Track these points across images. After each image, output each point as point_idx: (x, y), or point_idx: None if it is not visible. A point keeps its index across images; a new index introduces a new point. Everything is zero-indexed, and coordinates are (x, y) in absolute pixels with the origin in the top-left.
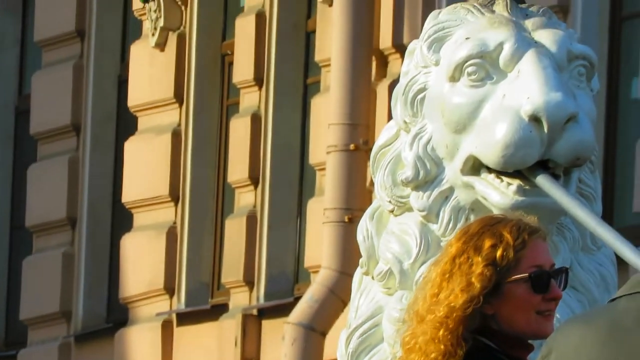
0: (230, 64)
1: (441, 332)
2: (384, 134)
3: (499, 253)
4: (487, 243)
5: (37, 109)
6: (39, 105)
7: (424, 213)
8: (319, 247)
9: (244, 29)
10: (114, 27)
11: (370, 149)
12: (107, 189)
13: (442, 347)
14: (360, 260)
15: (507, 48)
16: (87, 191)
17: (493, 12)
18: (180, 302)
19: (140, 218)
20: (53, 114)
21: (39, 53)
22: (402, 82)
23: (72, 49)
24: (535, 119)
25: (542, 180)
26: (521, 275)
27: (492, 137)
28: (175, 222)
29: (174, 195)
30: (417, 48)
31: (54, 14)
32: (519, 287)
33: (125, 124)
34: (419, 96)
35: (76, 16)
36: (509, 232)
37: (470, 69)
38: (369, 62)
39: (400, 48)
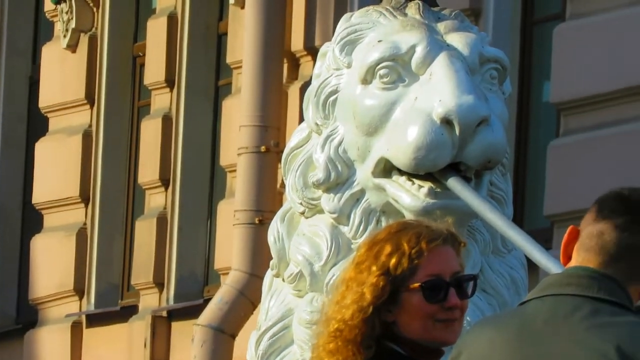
0: (142, 65)
1: (338, 342)
2: (295, 136)
3: (393, 262)
4: (386, 251)
5: None
6: None
7: (334, 215)
8: (229, 249)
9: (156, 30)
10: (25, 28)
11: (282, 151)
12: (18, 190)
13: (340, 357)
14: (271, 262)
15: (419, 51)
16: None
17: (405, 15)
18: (89, 304)
19: (50, 219)
20: None
21: None
22: (314, 84)
23: None
24: (447, 121)
25: (453, 183)
26: (415, 284)
27: (403, 140)
28: (85, 224)
29: (84, 197)
30: (329, 50)
31: None
32: (414, 296)
33: (36, 125)
34: (331, 98)
35: None
36: (407, 240)
37: (382, 72)
38: (280, 64)
39: (311, 50)
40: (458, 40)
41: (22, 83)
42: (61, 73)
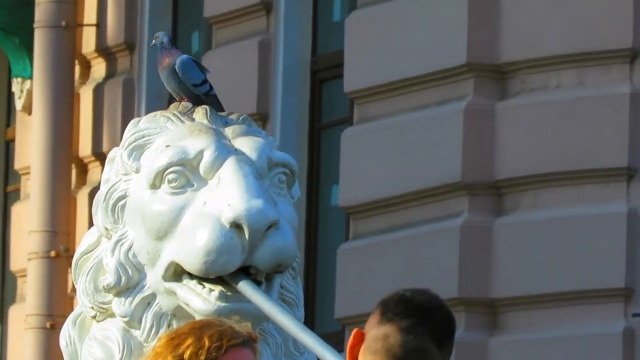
0: None
1: None
2: (85, 240)
3: (189, 352)
4: (186, 343)
5: None
6: None
7: (126, 319)
8: (21, 354)
9: None
10: None
11: (72, 256)
12: None
13: None
14: None
15: (207, 155)
16: None
17: (193, 119)
18: None
19: None
20: None
21: None
22: (103, 189)
23: None
24: (236, 225)
25: (244, 287)
26: None
27: (193, 244)
28: None
29: None
30: (117, 155)
31: None
32: None
33: None
34: (120, 203)
35: None
36: (209, 336)
37: (170, 176)
38: (68, 169)
39: (100, 156)
40: (246, 144)
41: None
42: None
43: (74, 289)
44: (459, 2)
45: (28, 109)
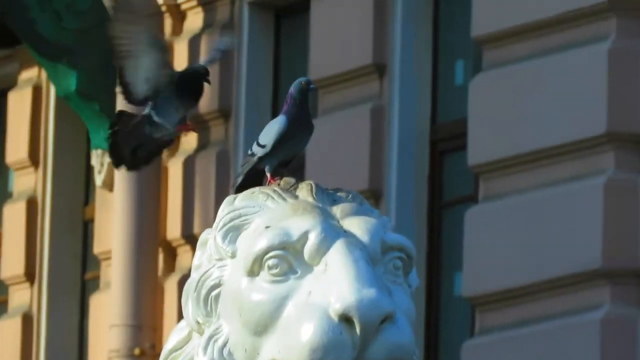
0: None
1: None
2: (173, 336)
3: None
4: None
5: None
6: None
7: None
8: None
9: (13, 217)
10: None
11: (158, 354)
12: None
13: None
14: None
15: (313, 238)
16: None
17: (296, 197)
18: None
19: None
20: None
21: None
22: (194, 276)
23: None
24: (346, 319)
25: None
26: None
27: (297, 340)
28: None
29: None
30: (210, 238)
31: None
32: None
33: None
34: (214, 293)
35: None
36: None
37: (271, 262)
38: (155, 254)
39: (190, 239)
40: (356, 225)
41: None
42: None
43: None
44: (598, 67)
45: (109, 185)
